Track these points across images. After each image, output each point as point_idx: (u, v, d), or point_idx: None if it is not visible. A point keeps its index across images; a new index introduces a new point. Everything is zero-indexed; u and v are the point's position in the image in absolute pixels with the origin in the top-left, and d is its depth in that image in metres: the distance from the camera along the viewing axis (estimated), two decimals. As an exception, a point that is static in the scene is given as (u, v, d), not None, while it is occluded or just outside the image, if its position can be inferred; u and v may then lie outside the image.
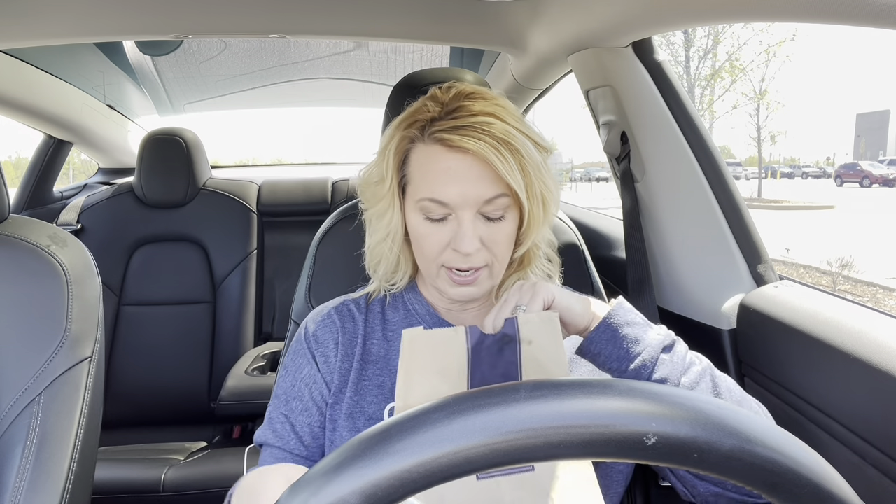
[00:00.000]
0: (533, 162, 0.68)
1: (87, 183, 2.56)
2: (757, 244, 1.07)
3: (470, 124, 0.66)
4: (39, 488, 0.78)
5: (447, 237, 0.70)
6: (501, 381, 0.56)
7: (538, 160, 0.69)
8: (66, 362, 0.85)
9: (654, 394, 0.32)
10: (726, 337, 1.02)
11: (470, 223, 0.68)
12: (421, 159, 0.71)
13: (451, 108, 0.69)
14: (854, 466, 0.75)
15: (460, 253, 0.69)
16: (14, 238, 0.90)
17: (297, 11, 1.31)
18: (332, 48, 2.02)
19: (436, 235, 0.70)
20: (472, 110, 0.68)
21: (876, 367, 0.71)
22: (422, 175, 0.70)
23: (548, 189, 0.71)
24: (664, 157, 1.11)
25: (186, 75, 2.20)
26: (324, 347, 0.79)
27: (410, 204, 0.72)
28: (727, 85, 17.35)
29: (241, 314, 1.98)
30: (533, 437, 0.30)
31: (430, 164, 0.69)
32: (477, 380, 0.56)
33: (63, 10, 1.22)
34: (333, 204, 2.22)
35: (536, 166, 0.69)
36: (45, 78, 1.93)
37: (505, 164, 0.65)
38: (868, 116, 56.51)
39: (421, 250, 0.73)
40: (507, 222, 0.71)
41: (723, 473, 0.31)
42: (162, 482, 1.52)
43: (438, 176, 0.68)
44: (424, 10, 1.31)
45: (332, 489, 0.30)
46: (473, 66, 1.98)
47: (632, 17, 0.96)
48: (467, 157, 0.67)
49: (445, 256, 0.71)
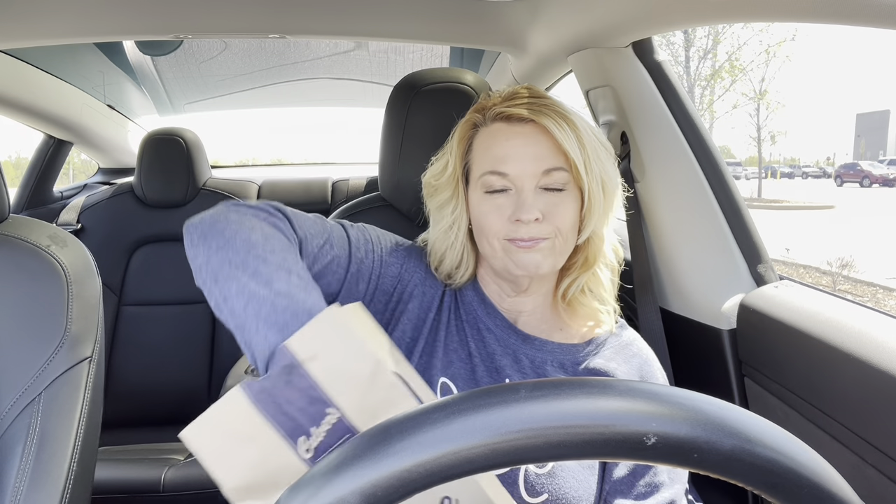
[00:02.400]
0: (591, 142, 0.71)
1: (87, 183, 2.55)
2: (757, 244, 1.07)
3: (530, 101, 0.72)
4: (39, 488, 0.78)
5: (509, 210, 0.71)
6: (310, 408, 0.50)
7: (597, 144, 0.72)
8: (66, 362, 0.85)
9: (654, 394, 0.32)
10: (726, 337, 1.02)
11: (530, 193, 0.71)
12: (483, 141, 0.75)
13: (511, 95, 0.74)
14: (854, 466, 0.75)
15: (522, 221, 0.70)
16: (14, 238, 0.90)
17: (297, 11, 1.31)
18: (332, 48, 2.02)
19: (498, 211, 0.72)
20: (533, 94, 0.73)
21: (876, 367, 0.71)
22: (483, 153, 0.74)
23: (608, 176, 0.73)
24: (664, 157, 1.11)
25: (186, 75, 2.20)
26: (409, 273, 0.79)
27: (473, 186, 0.75)
28: (727, 85, 17.35)
29: (241, 314, 1.97)
30: (533, 437, 0.30)
31: (490, 141, 0.73)
32: (284, 423, 0.50)
33: (63, 10, 1.22)
34: (333, 204, 2.22)
35: (595, 148, 0.71)
36: (45, 78, 1.93)
37: (562, 132, 0.69)
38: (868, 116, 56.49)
39: (482, 229, 0.74)
40: (568, 197, 0.72)
41: (723, 473, 0.31)
42: (162, 482, 1.52)
43: (499, 150, 0.72)
44: (424, 10, 1.31)
45: (332, 489, 0.30)
46: (473, 66, 1.98)
47: (632, 17, 0.96)
48: (526, 128, 0.71)
49: (508, 229, 0.71)
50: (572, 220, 0.72)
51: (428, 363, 0.75)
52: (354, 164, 2.75)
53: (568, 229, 0.72)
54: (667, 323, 1.11)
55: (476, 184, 0.74)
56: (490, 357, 0.76)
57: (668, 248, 1.13)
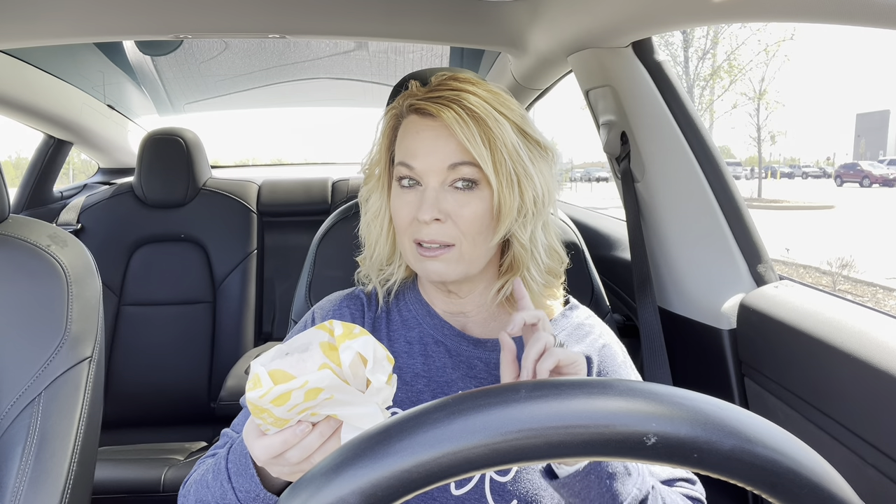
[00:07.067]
0: (504, 140, 0.67)
1: (87, 183, 2.56)
2: (757, 244, 1.07)
3: (443, 95, 0.68)
4: (39, 488, 0.78)
5: (415, 207, 0.69)
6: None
7: (514, 141, 0.68)
8: (66, 362, 0.85)
9: (654, 394, 0.32)
10: (726, 337, 1.02)
11: (433, 191, 0.68)
12: (402, 132, 0.73)
13: (435, 85, 0.72)
14: (854, 466, 0.75)
15: (420, 221, 0.68)
16: (14, 238, 0.90)
17: (297, 11, 1.31)
18: (332, 48, 2.02)
19: (406, 207, 0.70)
20: (453, 86, 0.70)
21: (876, 367, 0.71)
22: (399, 144, 0.72)
23: (527, 175, 0.69)
24: (664, 157, 1.11)
25: (186, 75, 2.20)
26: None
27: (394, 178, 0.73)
28: (726, 85, 17.36)
29: (241, 314, 1.98)
30: (533, 437, 0.30)
31: (404, 133, 0.72)
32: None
33: (63, 10, 1.22)
34: (333, 204, 2.22)
35: (510, 146, 0.68)
36: (45, 78, 1.93)
37: (466, 130, 0.66)
38: (868, 116, 56.48)
39: (395, 224, 0.73)
40: (476, 198, 0.68)
41: (723, 473, 0.31)
42: (162, 482, 1.52)
43: (410, 142, 0.70)
44: (424, 10, 1.31)
45: (331, 489, 0.30)
46: (473, 66, 1.98)
47: (632, 17, 0.96)
48: (435, 124, 0.69)
49: (413, 228, 0.70)
50: (482, 221, 0.69)
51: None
52: (354, 164, 2.75)
53: (475, 232, 0.69)
54: (666, 323, 1.11)
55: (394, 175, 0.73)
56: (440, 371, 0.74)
57: (667, 247, 1.13)
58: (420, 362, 0.75)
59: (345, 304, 0.80)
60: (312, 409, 0.49)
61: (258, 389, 0.46)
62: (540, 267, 0.74)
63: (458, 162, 0.67)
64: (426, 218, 0.67)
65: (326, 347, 0.49)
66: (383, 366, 0.50)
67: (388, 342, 0.78)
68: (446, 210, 0.68)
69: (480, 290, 0.77)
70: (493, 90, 0.71)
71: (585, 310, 0.83)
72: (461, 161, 0.67)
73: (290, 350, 0.49)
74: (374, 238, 0.78)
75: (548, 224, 0.75)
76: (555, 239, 0.76)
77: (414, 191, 0.70)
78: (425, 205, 0.67)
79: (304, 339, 0.50)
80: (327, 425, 0.51)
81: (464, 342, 0.76)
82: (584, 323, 0.80)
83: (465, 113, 0.66)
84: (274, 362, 0.48)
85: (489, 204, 0.69)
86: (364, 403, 0.49)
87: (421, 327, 0.78)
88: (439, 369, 0.75)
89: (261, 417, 0.49)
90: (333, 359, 0.48)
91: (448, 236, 0.68)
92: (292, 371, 0.47)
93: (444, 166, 0.68)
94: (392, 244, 0.77)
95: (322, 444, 0.51)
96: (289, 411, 0.48)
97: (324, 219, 1.15)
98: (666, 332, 1.09)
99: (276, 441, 0.51)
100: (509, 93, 0.73)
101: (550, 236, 0.75)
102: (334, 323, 0.51)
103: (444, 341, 0.76)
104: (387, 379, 0.50)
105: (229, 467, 0.62)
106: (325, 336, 0.50)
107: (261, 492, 0.60)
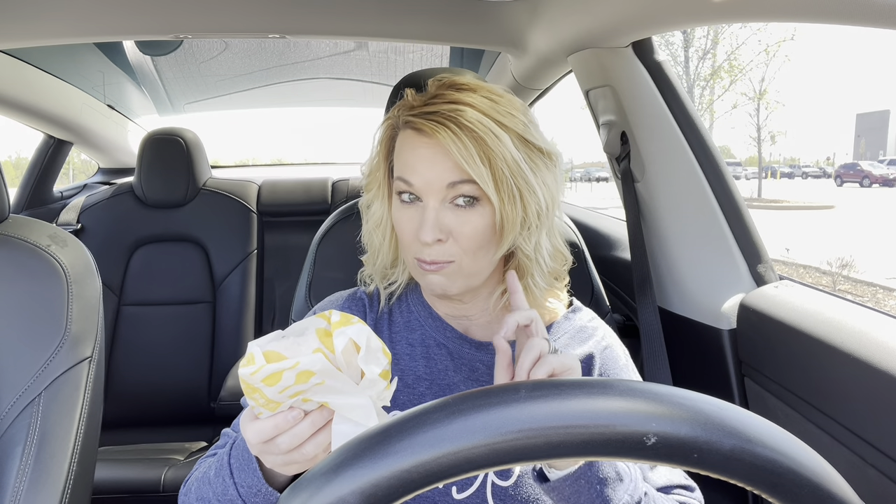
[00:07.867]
0: (504, 156, 0.65)
1: (87, 183, 2.56)
2: (757, 244, 1.07)
3: (440, 111, 0.66)
4: (39, 488, 0.78)
5: (417, 224, 0.68)
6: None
7: (515, 155, 0.66)
8: (66, 362, 0.85)
9: (654, 394, 0.32)
10: (726, 337, 1.02)
11: (433, 210, 0.67)
12: (399, 144, 0.71)
13: (431, 96, 0.69)
14: (854, 466, 0.75)
15: (420, 242, 0.67)
16: (14, 238, 0.90)
17: (297, 11, 1.31)
18: (332, 48, 2.02)
19: (409, 223, 0.69)
20: (450, 98, 0.67)
21: (876, 367, 0.71)
22: (398, 156, 0.71)
23: (529, 187, 0.67)
24: (664, 157, 1.11)
25: (186, 75, 2.20)
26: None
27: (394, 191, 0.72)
28: (726, 85, 17.36)
29: (241, 314, 1.98)
30: (533, 437, 0.30)
31: (401, 147, 0.70)
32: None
33: (63, 10, 1.22)
34: (333, 204, 2.22)
35: (510, 161, 0.66)
36: (45, 78, 1.93)
37: (463, 150, 0.64)
38: (868, 116, 56.46)
39: (398, 237, 0.73)
40: (477, 214, 0.67)
41: (723, 473, 0.31)
42: (162, 482, 1.52)
43: (408, 157, 0.68)
44: (424, 10, 1.31)
45: (331, 489, 0.30)
46: (473, 66, 1.98)
47: (632, 17, 0.96)
48: (432, 142, 0.66)
49: (415, 247, 0.69)
50: (482, 237, 0.68)
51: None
52: (354, 164, 2.75)
53: (476, 248, 0.68)
54: (667, 323, 1.11)
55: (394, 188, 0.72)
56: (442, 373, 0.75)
57: (667, 247, 1.13)
58: (422, 365, 0.75)
59: (346, 305, 0.80)
60: (304, 393, 0.49)
61: (251, 366, 0.47)
62: (544, 273, 0.73)
63: (456, 181, 0.66)
64: (427, 240, 0.66)
65: (322, 333, 0.49)
66: (377, 357, 0.50)
67: (390, 344, 0.78)
68: (447, 227, 0.67)
69: (484, 295, 0.77)
70: (495, 95, 0.69)
71: (589, 312, 0.83)
72: (460, 179, 0.66)
73: (288, 334, 0.50)
74: (376, 245, 0.78)
75: (552, 229, 0.74)
76: (559, 241, 0.75)
77: (414, 206, 0.69)
78: (426, 226, 0.66)
79: (303, 324, 0.51)
80: (320, 415, 0.51)
81: (466, 345, 0.76)
82: (587, 326, 0.80)
83: (462, 131, 0.64)
84: (270, 344, 0.48)
85: (491, 220, 0.68)
86: (357, 394, 0.49)
87: (423, 329, 0.78)
88: (441, 372, 0.74)
89: (252, 398, 0.49)
90: (328, 345, 0.49)
91: (449, 254, 0.68)
92: (286, 353, 0.48)
93: (442, 185, 0.66)
94: (395, 251, 0.77)
95: (313, 434, 0.51)
96: (280, 393, 0.48)
97: (324, 219, 1.15)
98: (666, 332, 1.09)
99: (267, 425, 0.51)
100: (512, 93, 0.72)
101: (555, 239, 0.74)
102: (333, 312, 0.51)
103: (447, 344, 0.76)
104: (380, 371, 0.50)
105: (232, 462, 0.62)
106: (322, 323, 0.51)
107: (262, 487, 0.60)
